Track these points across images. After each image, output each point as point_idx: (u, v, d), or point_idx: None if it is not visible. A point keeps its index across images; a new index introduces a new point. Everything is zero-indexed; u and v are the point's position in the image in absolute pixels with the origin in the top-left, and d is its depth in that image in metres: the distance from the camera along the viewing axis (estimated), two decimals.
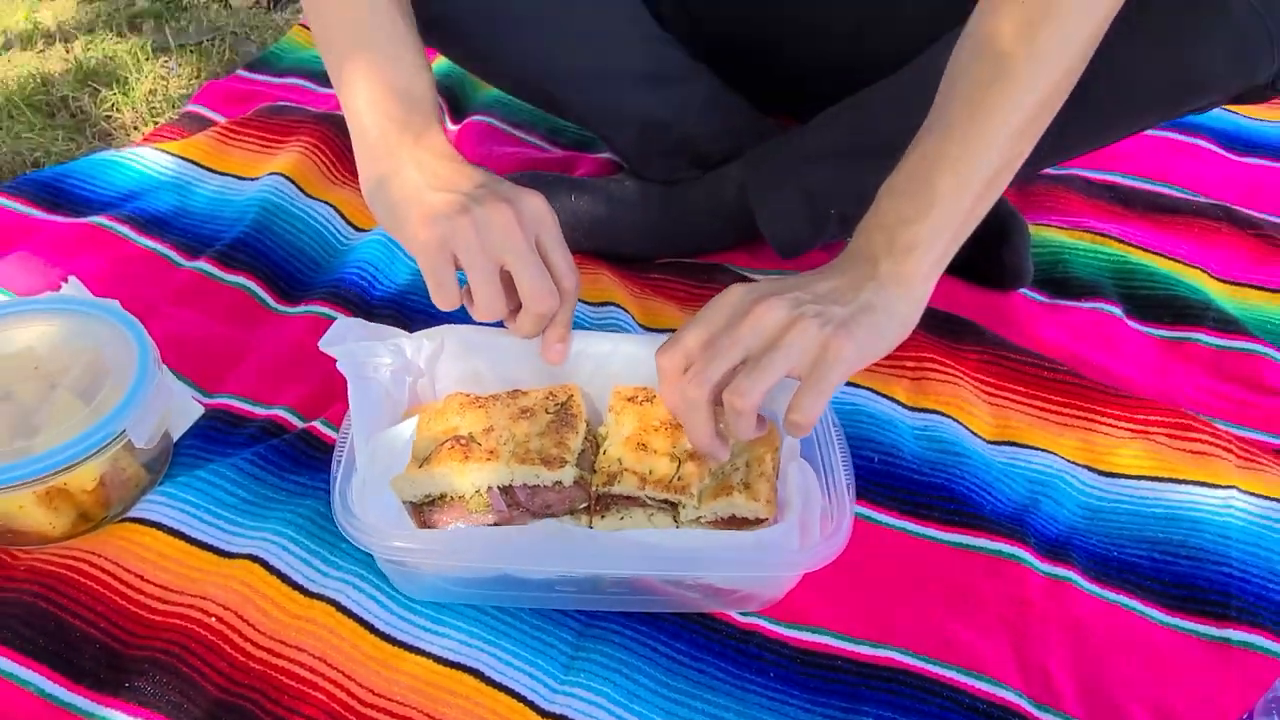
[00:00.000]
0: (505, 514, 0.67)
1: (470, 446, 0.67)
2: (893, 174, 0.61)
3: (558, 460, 0.66)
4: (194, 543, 0.67)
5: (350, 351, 0.69)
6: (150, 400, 0.67)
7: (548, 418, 0.70)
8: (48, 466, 0.63)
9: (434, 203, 0.61)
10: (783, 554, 0.62)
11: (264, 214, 0.93)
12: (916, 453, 0.78)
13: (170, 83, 1.21)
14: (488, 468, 0.66)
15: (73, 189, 0.98)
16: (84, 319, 0.73)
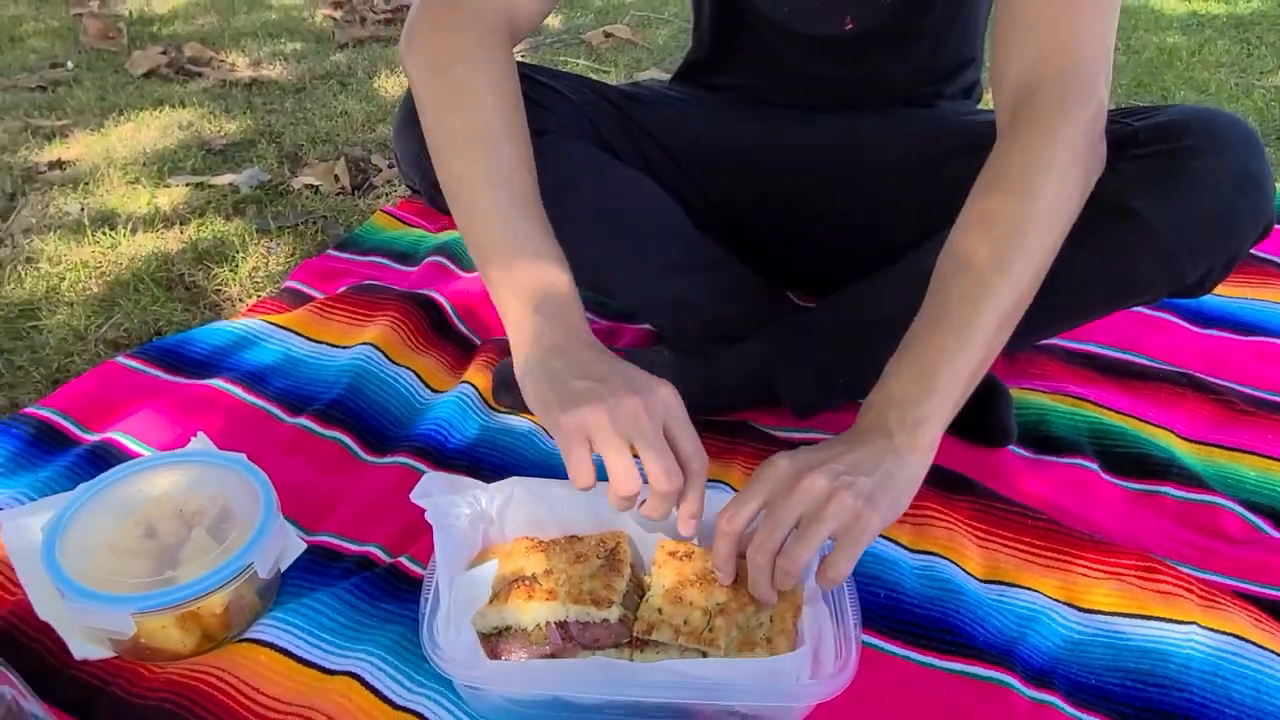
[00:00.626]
0: (560, 646, 0.79)
1: (533, 586, 0.80)
2: (896, 358, 0.75)
3: (606, 601, 0.79)
4: (300, 660, 0.80)
5: (435, 503, 0.83)
6: (272, 539, 0.82)
7: (598, 562, 0.83)
8: (188, 594, 0.77)
9: (574, 390, 0.70)
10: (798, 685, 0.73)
11: (356, 378, 1.10)
12: (918, 589, 0.89)
13: (270, 260, 1.41)
14: (547, 606, 0.79)
15: (190, 354, 1.16)
16: (214, 468, 0.88)
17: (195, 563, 0.79)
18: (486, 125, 0.81)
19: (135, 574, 0.78)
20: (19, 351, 1.18)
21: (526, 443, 1.06)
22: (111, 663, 0.79)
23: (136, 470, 0.87)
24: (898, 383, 0.74)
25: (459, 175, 0.81)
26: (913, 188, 1.07)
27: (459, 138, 0.81)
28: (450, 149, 0.82)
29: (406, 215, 1.54)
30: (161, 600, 0.76)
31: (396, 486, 0.98)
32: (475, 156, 0.80)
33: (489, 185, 0.79)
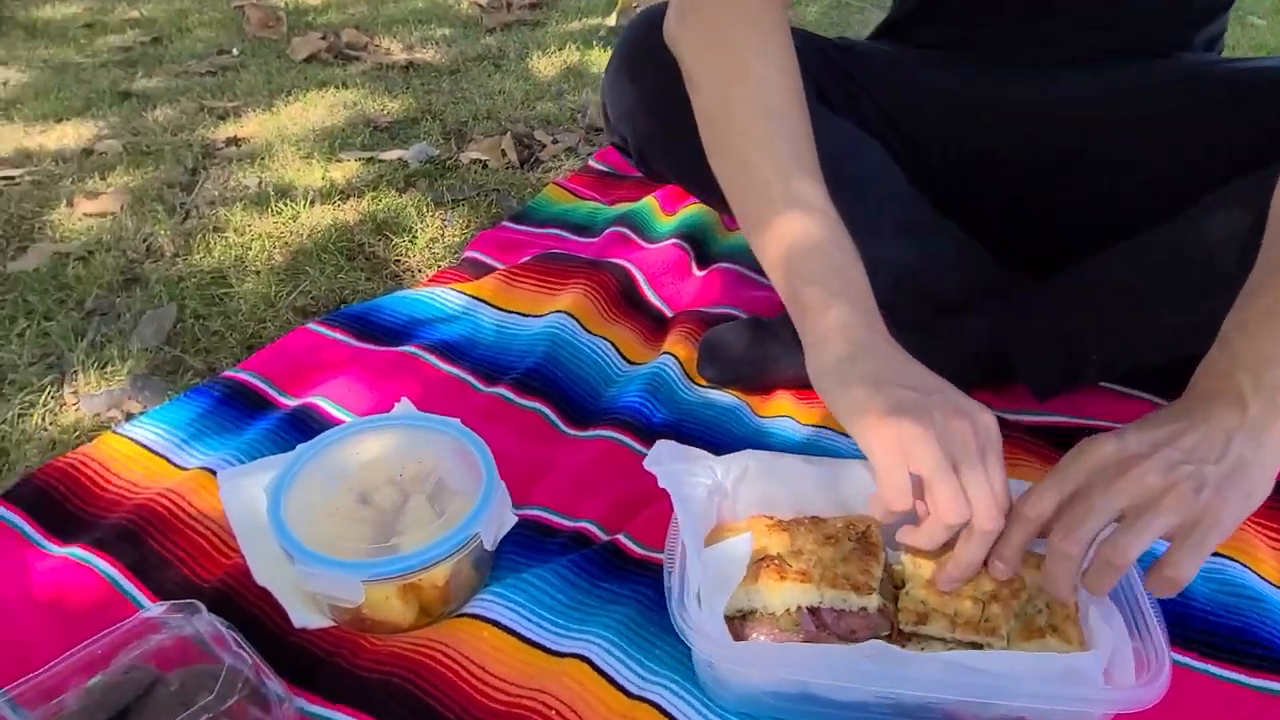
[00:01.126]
0: (812, 634, 0.71)
1: (783, 567, 0.72)
2: (1237, 311, 0.64)
3: (865, 587, 0.70)
4: (525, 640, 0.74)
5: (670, 472, 0.76)
6: (495, 509, 0.76)
7: (850, 545, 0.74)
8: (414, 565, 0.72)
9: (898, 399, 0.62)
10: (1101, 689, 0.63)
11: (552, 347, 1.04)
12: (1208, 595, 0.77)
13: (447, 232, 1.38)
14: (800, 588, 0.71)
15: (380, 321, 1.13)
16: (428, 433, 0.83)
17: (417, 532, 0.75)
18: (769, 102, 0.75)
19: (357, 540, 0.74)
20: (213, 317, 1.17)
21: (732, 418, 0.99)
22: (330, 633, 0.75)
23: (350, 434, 0.83)
24: (1246, 339, 0.62)
25: (742, 152, 0.74)
26: (1166, 143, 0.94)
27: (741, 115, 0.75)
28: (730, 126, 0.75)
29: (578, 188, 1.49)
30: (388, 569, 0.71)
31: (604, 461, 0.92)
32: (761, 134, 0.74)
33: (778, 165, 0.73)
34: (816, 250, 0.70)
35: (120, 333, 1.14)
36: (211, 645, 0.67)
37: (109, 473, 0.89)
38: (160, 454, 0.92)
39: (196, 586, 0.78)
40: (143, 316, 1.17)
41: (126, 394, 1.03)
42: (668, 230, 1.30)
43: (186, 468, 0.90)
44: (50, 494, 0.86)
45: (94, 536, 0.81)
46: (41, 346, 1.12)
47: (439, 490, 0.79)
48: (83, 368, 1.07)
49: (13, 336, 1.13)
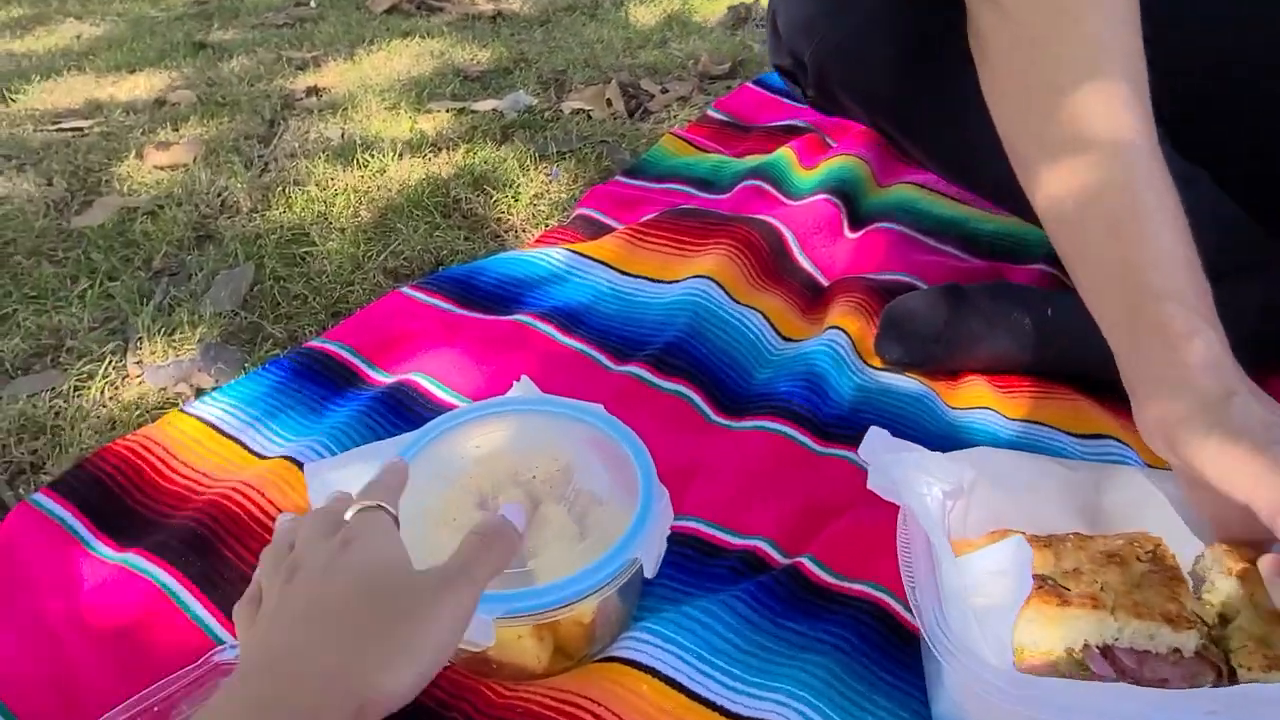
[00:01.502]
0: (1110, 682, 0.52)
1: (1060, 590, 0.54)
2: None
3: (1180, 619, 0.52)
4: (695, 698, 0.56)
5: (900, 463, 0.58)
6: (658, 526, 0.58)
7: (1143, 567, 0.55)
8: (556, 600, 0.54)
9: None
10: None
11: (695, 318, 0.86)
12: None
13: (552, 187, 1.21)
14: (1091, 617, 0.52)
15: (484, 285, 0.96)
16: (561, 422, 0.66)
17: (556, 553, 0.57)
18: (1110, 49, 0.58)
19: None
20: (294, 279, 1.02)
21: (922, 409, 0.80)
22: (444, 677, 0.59)
23: (466, 420, 0.66)
24: None
25: (1072, 114, 0.57)
26: None
27: (1073, 65, 0.58)
28: (1058, 74, 0.58)
29: (699, 139, 1.30)
30: (524, 604, 0.53)
31: (768, 459, 0.74)
32: (1102, 96, 0.57)
33: (1122, 138, 0.56)
34: (1176, 260, 0.54)
35: (191, 295, 1.00)
36: None
37: (175, 459, 0.74)
38: (235, 438, 0.76)
39: None
40: (216, 277, 1.02)
41: (197, 365, 0.88)
42: (812, 185, 1.11)
43: (266, 455, 0.75)
44: (106, 485, 0.72)
45: (155, 540, 0.66)
46: (104, 309, 0.98)
47: (579, 497, 0.62)
48: (148, 334, 0.93)
49: (73, 297, 0.99)
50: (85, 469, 0.73)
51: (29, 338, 0.93)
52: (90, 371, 0.88)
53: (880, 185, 1.14)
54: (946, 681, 0.53)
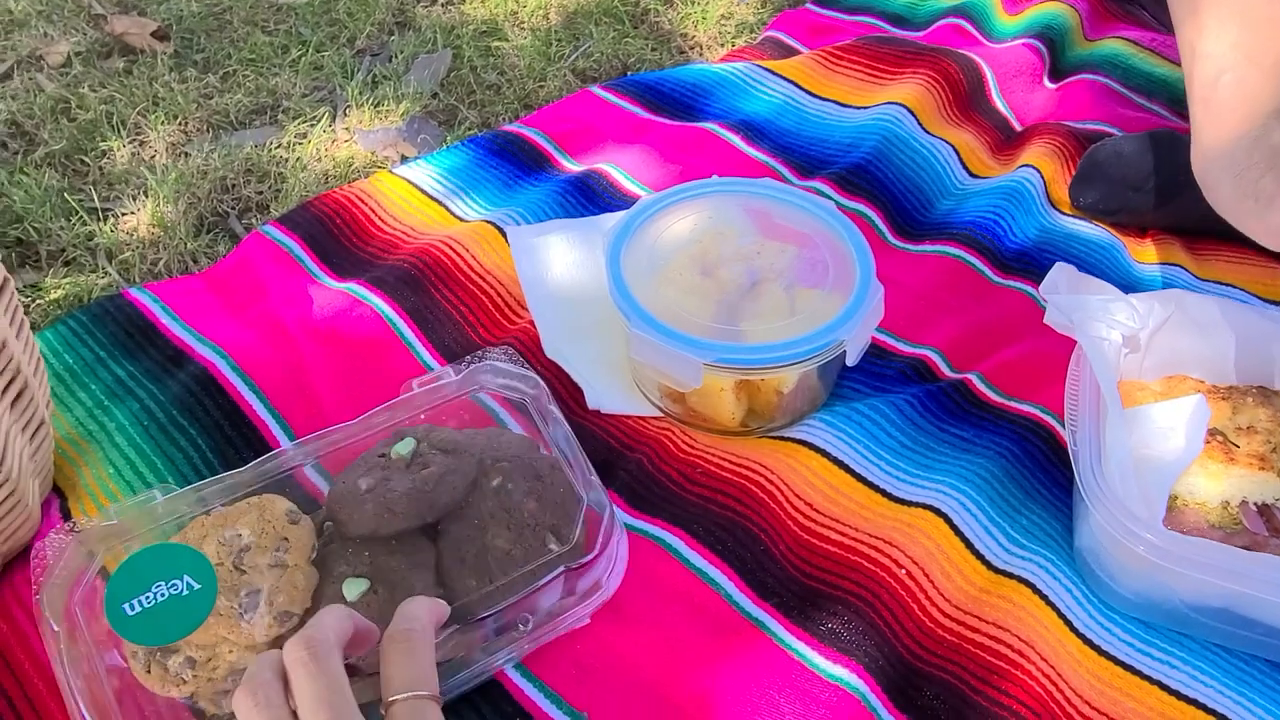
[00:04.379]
0: (1259, 539, 0.54)
1: (1229, 446, 0.54)
2: None
3: None
4: (861, 479, 0.60)
5: (1081, 303, 0.58)
6: (869, 319, 0.61)
7: None
8: (764, 360, 0.58)
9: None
10: None
11: (884, 143, 0.86)
12: None
13: (740, 9, 1.19)
14: (1252, 477, 0.53)
15: (672, 93, 0.97)
16: (791, 209, 0.68)
17: (768, 322, 0.60)
18: None
19: (698, 315, 0.60)
20: (488, 70, 1.05)
21: (1108, 257, 0.78)
22: (627, 423, 0.64)
23: (691, 196, 0.68)
24: None
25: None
26: None
27: None
28: None
29: None
30: (735, 357, 0.57)
31: (947, 280, 0.75)
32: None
33: None
34: None
35: (394, 74, 1.04)
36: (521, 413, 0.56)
37: (385, 212, 0.80)
38: (438, 200, 0.82)
39: (479, 347, 0.68)
40: (415, 60, 1.06)
41: (402, 135, 0.93)
42: (1015, 30, 1.06)
43: (466, 219, 0.80)
44: (327, 225, 0.78)
45: (373, 275, 0.73)
46: (313, 78, 1.03)
47: (796, 280, 0.64)
48: (355, 104, 0.98)
49: (285, 65, 1.05)
50: (308, 209, 0.79)
51: (250, 95, 1.00)
52: (305, 131, 0.94)
53: (1089, 39, 1.08)
54: (1091, 522, 0.55)
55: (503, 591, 0.47)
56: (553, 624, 0.50)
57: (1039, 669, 0.51)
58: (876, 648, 0.52)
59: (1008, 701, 0.50)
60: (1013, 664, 0.52)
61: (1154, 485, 0.52)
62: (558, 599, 0.50)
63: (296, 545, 0.47)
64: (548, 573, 0.48)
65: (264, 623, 0.44)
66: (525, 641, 0.49)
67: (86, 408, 0.62)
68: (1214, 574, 0.49)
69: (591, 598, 0.51)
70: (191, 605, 0.43)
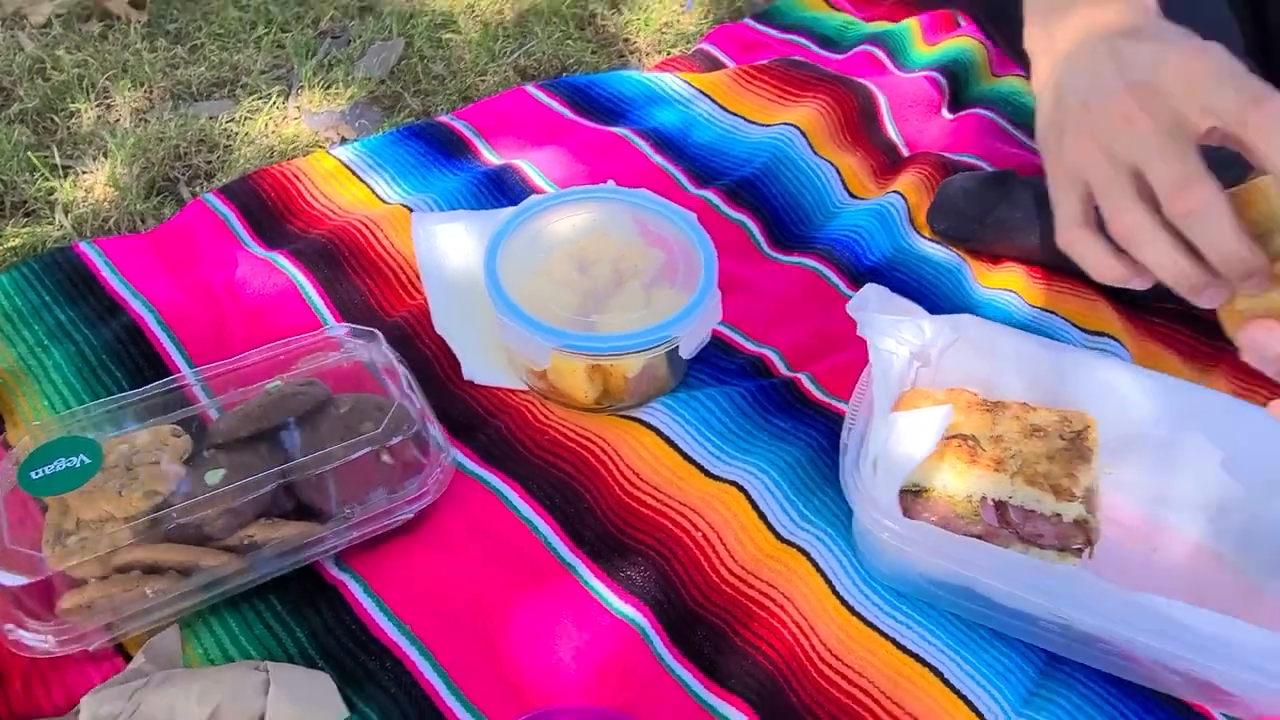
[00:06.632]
0: (991, 529, 0.64)
1: (975, 450, 0.65)
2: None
3: (1067, 492, 0.62)
4: (683, 455, 0.71)
5: (875, 321, 0.68)
6: (705, 318, 0.71)
7: (1060, 443, 0.65)
8: (603, 348, 0.68)
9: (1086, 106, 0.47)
10: None
11: (774, 161, 0.96)
12: None
13: (684, 18, 1.28)
14: (990, 478, 0.63)
15: (599, 97, 1.07)
16: (660, 219, 0.77)
17: (621, 315, 0.71)
18: None
19: (561, 307, 0.71)
20: (436, 60, 1.14)
21: (951, 279, 0.89)
22: (496, 393, 0.74)
23: (578, 200, 0.78)
24: None
25: None
26: None
27: None
28: None
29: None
30: (579, 344, 0.68)
31: (801, 290, 0.85)
32: None
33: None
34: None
35: (348, 58, 1.13)
36: (384, 378, 0.67)
37: (316, 189, 0.90)
38: (365, 182, 0.92)
39: (379, 318, 0.78)
40: (371, 46, 1.15)
41: (345, 118, 1.03)
42: (925, 61, 1.15)
43: (388, 201, 0.90)
44: (263, 198, 0.88)
45: (295, 247, 0.83)
46: (275, 56, 1.13)
47: (655, 279, 0.74)
48: (309, 84, 1.08)
49: (250, 41, 1.14)
50: (247, 181, 0.89)
51: (213, 69, 1.09)
52: (258, 106, 1.04)
53: (995, 74, 1.17)
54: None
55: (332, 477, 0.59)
56: (377, 518, 0.61)
57: (794, 621, 0.62)
58: (664, 593, 0.62)
59: (759, 644, 0.61)
60: (773, 615, 0.62)
61: (894, 478, 0.62)
62: (385, 496, 0.61)
63: (171, 450, 0.59)
64: (364, 447, 0.60)
65: (135, 498, 0.56)
66: (352, 529, 0.60)
67: (29, 345, 0.73)
68: (942, 557, 0.60)
69: (415, 503, 0.62)
70: (81, 473, 0.57)
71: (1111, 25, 0.51)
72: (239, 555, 0.57)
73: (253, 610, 0.60)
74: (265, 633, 0.59)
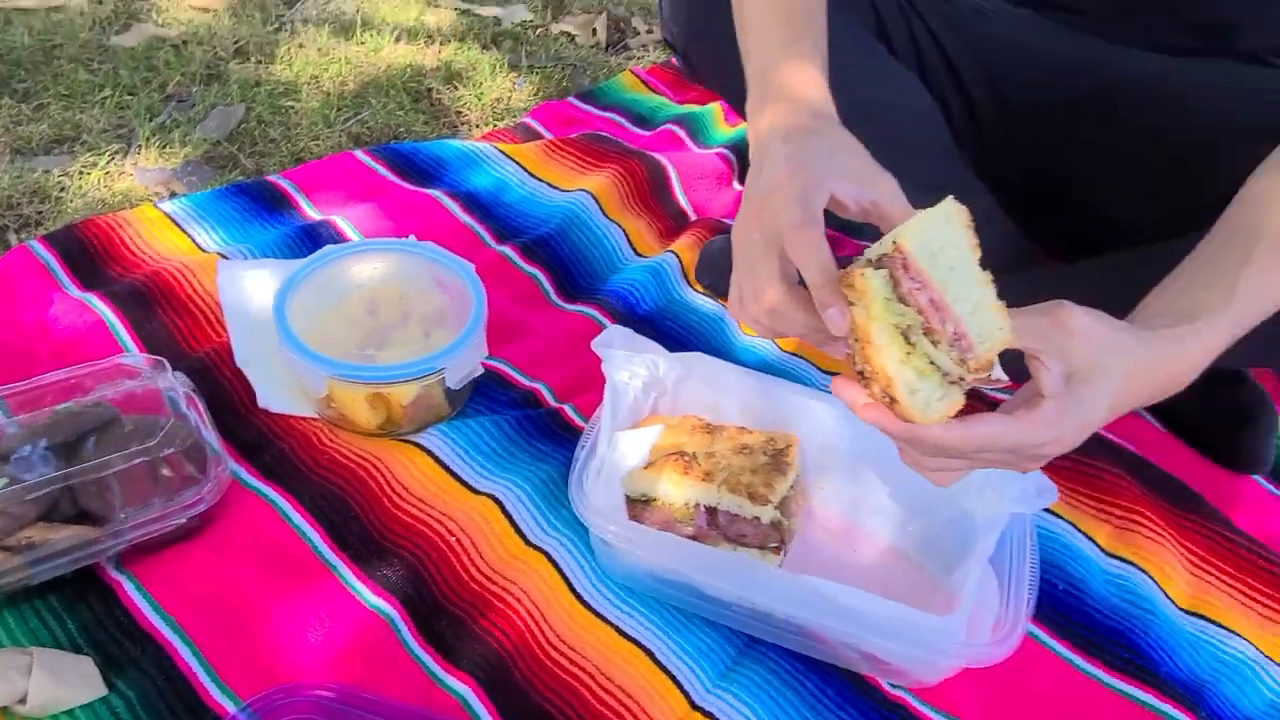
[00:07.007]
0: (704, 531, 0.75)
1: (691, 464, 0.76)
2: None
3: (762, 498, 0.74)
4: (449, 472, 0.80)
5: (615, 357, 0.80)
6: (469, 353, 0.82)
7: (764, 459, 0.78)
8: (377, 376, 0.78)
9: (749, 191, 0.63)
10: (950, 642, 0.66)
11: (567, 222, 1.08)
12: (1103, 596, 0.79)
13: (514, 94, 1.41)
14: (700, 487, 0.75)
15: (421, 162, 1.18)
16: (444, 269, 0.88)
17: (398, 349, 0.81)
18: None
19: (347, 342, 0.81)
20: (274, 125, 1.24)
21: (714, 328, 1.02)
22: (287, 420, 0.83)
23: (374, 250, 0.89)
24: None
25: (749, 6, 0.73)
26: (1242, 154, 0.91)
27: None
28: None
29: (653, 80, 1.49)
30: (354, 373, 0.78)
31: (577, 335, 0.97)
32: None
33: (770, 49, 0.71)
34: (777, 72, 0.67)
35: (190, 120, 1.22)
36: (172, 402, 0.75)
37: (138, 238, 0.98)
38: (187, 232, 1.00)
39: (184, 353, 0.86)
40: (214, 110, 1.24)
41: (177, 175, 1.11)
42: (722, 140, 1.31)
43: (207, 250, 0.98)
44: (85, 245, 0.96)
45: (110, 289, 0.90)
46: (118, 117, 1.21)
47: (436, 321, 0.85)
48: (147, 144, 1.16)
49: (96, 102, 1.22)
50: (72, 230, 0.97)
51: (55, 127, 1.16)
52: (94, 162, 1.11)
53: None
54: None
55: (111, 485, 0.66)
56: (153, 523, 0.68)
57: (528, 611, 0.72)
58: (415, 589, 0.71)
59: (494, 631, 0.70)
60: (510, 607, 0.72)
61: (614, 486, 0.73)
62: (161, 504, 0.69)
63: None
64: (139, 457, 0.68)
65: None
66: (129, 532, 0.67)
67: None
68: (658, 555, 0.71)
69: (189, 510, 0.69)
70: None
71: (776, 126, 0.65)
72: (15, 554, 0.64)
73: (30, 607, 0.66)
74: (40, 626, 0.65)
